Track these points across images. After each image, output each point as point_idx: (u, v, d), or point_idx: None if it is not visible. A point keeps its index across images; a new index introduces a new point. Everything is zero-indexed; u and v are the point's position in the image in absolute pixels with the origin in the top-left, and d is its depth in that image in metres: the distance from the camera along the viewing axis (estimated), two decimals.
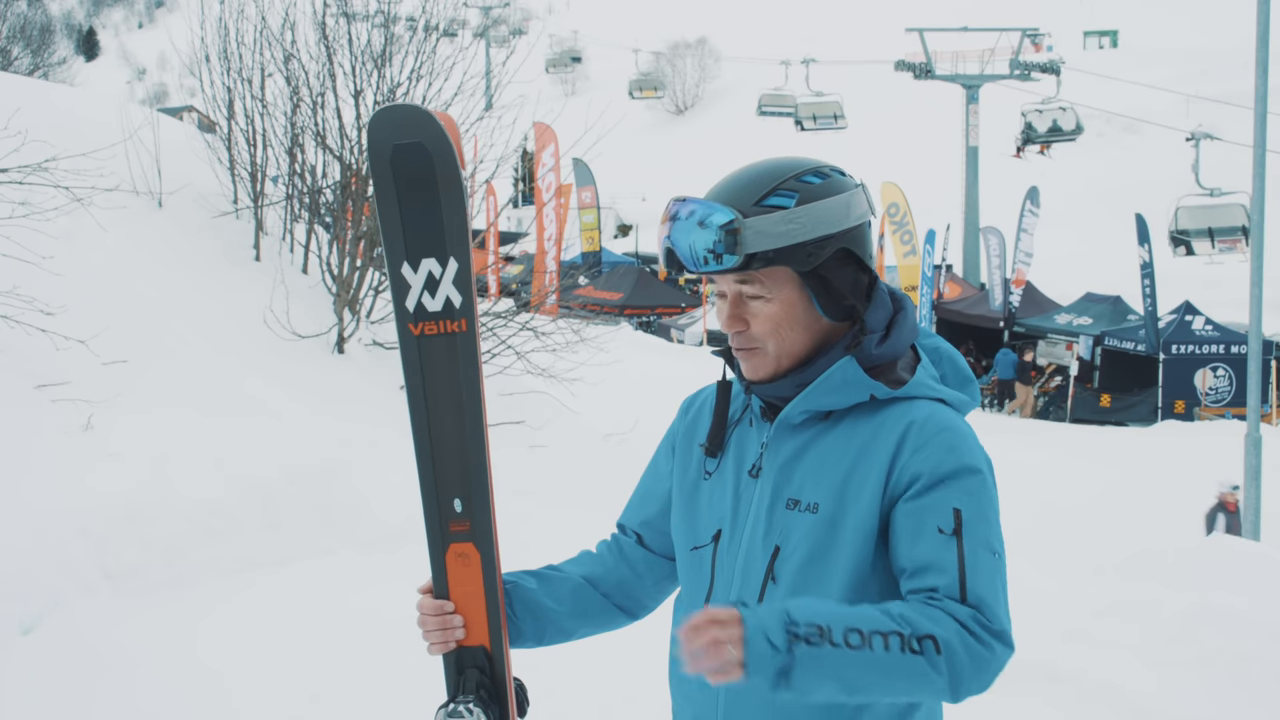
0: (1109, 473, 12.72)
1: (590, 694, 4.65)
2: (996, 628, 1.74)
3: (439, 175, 2.00)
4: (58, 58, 33.90)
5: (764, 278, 1.87)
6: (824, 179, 1.89)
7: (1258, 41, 9.88)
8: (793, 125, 42.72)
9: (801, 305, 1.89)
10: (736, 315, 1.91)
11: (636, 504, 2.18)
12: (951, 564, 1.76)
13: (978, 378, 25.63)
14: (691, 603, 2.00)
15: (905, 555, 1.81)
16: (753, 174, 1.90)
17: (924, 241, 23.91)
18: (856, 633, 1.68)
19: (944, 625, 1.70)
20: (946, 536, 1.77)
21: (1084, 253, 39.22)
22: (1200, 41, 69.17)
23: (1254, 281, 9.78)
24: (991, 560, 1.78)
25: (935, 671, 1.69)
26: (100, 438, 6.27)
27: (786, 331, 1.89)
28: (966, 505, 1.80)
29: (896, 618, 1.71)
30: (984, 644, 1.72)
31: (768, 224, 1.84)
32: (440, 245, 2.03)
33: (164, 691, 4.71)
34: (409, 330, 2.08)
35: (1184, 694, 4.87)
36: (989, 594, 1.75)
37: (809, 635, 1.66)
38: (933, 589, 1.76)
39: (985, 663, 1.72)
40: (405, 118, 2.00)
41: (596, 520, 3.57)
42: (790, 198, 1.86)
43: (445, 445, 2.07)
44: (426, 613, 2.08)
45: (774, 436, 1.94)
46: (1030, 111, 32.35)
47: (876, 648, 1.68)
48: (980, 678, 1.72)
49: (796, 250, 1.84)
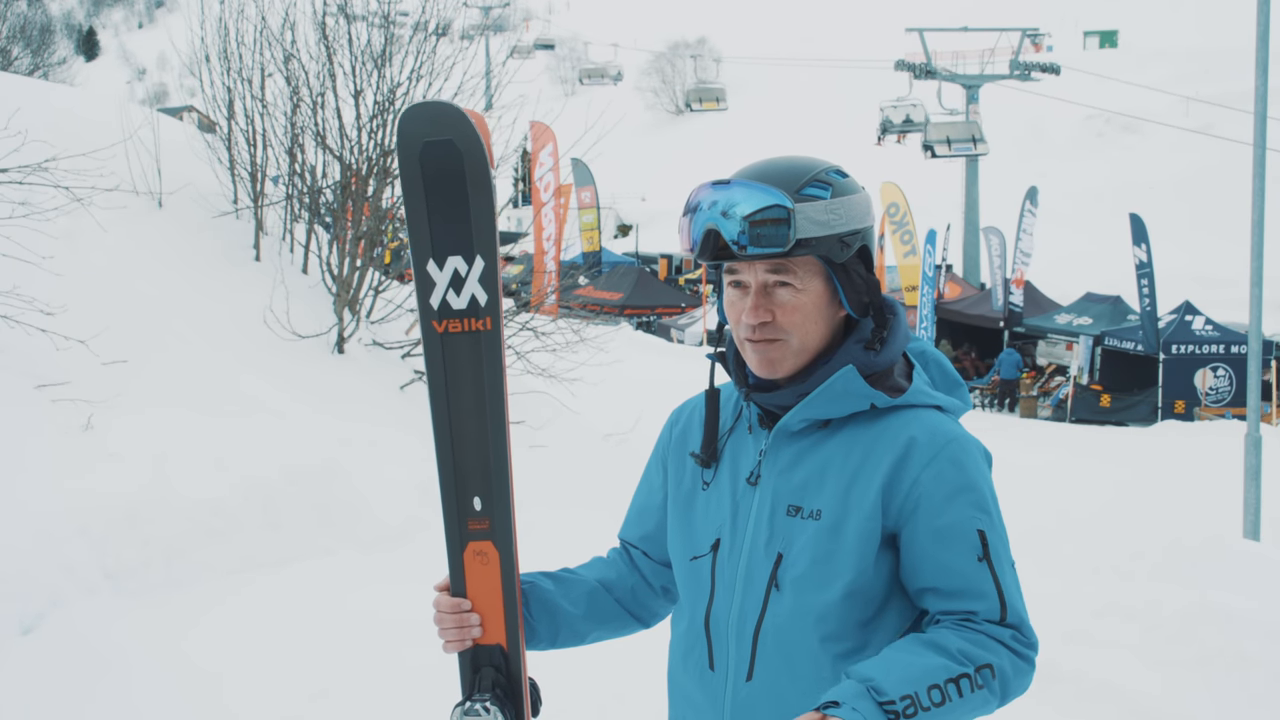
0: (1119, 473, 12.71)
1: (590, 694, 4.65)
2: (1033, 640, 1.85)
3: (469, 174, 1.98)
4: (58, 58, 33.91)
5: (798, 267, 1.87)
6: (846, 177, 1.91)
7: (1258, 41, 9.87)
8: (786, 125, 42.73)
9: (826, 298, 1.90)
10: (762, 306, 1.88)
11: (634, 519, 2.18)
12: (989, 590, 1.83)
13: (978, 378, 25.70)
14: (692, 612, 1.99)
15: (931, 576, 1.84)
16: (784, 166, 1.89)
17: (924, 241, 23.91)
18: (938, 689, 1.75)
19: (995, 652, 1.80)
20: (978, 563, 1.83)
21: (1084, 253, 39.24)
22: (1200, 41, 69.18)
23: (1254, 281, 9.77)
24: (1013, 574, 1.87)
25: (993, 695, 1.80)
26: (100, 438, 6.27)
27: (812, 324, 1.89)
28: (986, 525, 1.84)
29: (958, 657, 1.78)
30: (1025, 660, 1.83)
31: (814, 211, 1.83)
32: (468, 243, 2.02)
33: (164, 691, 4.70)
34: (433, 327, 2.05)
35: (1184, 694, 4.87)
36: (1023, 610, 1.85)
37: (905, 710, 1.72)
38: (972, 612, 1.83)
39: (1026, 674, 1.83)
40: (437, 114, 1.98)
41: (596, 519, 3.59)
42: (825, 190, 1.86)
43: (466, 443, 2.06)
44: (444, 610, 2.06)
45: (772, 444, 1.93)
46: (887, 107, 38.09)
47: (953, 697, 1.76)
48: (1024, 686, 1.84)
49: (835, 240, 1.85)
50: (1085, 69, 58.22)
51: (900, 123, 37.73)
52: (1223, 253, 32.80)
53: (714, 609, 1.94)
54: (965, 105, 34.96)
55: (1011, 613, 1.82)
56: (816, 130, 59.86)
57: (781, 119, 64.44)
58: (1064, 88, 49.31)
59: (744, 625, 1.90)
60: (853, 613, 1.84)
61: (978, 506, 1.83)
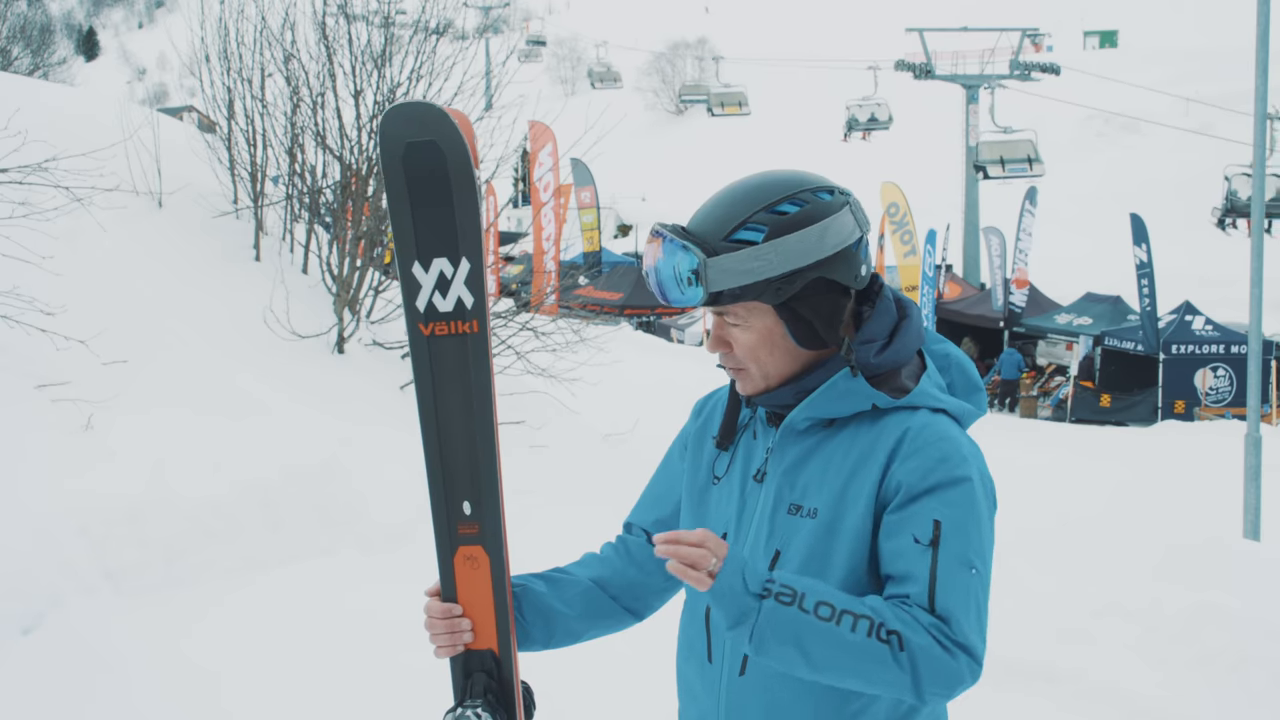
0: (1119, 473, 12.71)
1: (589, 693, 4.65)
2: (960, 639, 1.74)
3: (452, 174, 1.98)
4: (58, 58, 33.89)
5: (738, 309, 1.88)
6: (801, 207, 1.85)
7: (1258, 41, 9.87)
8: (786, 125, 43.02)
9: (779, 333, 1.90)
10: (720, 338, 1.93)
11: (649, 504, 2.18)
12: (924, 575, 1.77)
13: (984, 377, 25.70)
14: (694, 607, 2.02)
15: (887, 563, 1.83)
16: (727, 202, 1.88)
17: (924, 241, 23.92)
18: (827, 606, 1.72)
19: (911, 627, 1.73)
20: (923, 547, 1.78)
21: (1084, 253, 39.24)
22: (1200, 41, 69.19)
23: (1254, 281, 9.77)
24: (966, 575, 1.78)
25: (898, 666, 1.71)
26: (100, 438, 6.27)
27: (766, 357, 1.91)
28: (947, 517, 1.80)
29: (869, 607, 1.74)
30: (949, 652, 1.73)
31: (733, 262, 1.83)
32: (453, 245, 2.01)
33: (163, 691, 4.71)
34: (419, 330, 2.04)
35: (1185, 694, 4.88)
36: (958, 608, 1.76)
37: (780, 594, 1.71)
38: (904, 597, 1.77)
39: (949, 670, 1.73)
40: (419, 115, 1.98)
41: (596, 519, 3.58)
42: (759, 232, 1.84)
43: (454, 447, 2.05)
44: (434, 616, 2.06)
45: (779, 442, 1.95)
46: (853, 105, 39.44)
47: (844, 625, 1.71)
48: (943, 683, 1.73)
49: (764, 286, 1.84)
50: (1085, 69, 58.21)
51: (865, 120, 39.02)
52: (1223, 253, 32.82)
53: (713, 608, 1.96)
54: (966, 105, 34.85)
55: (939, 604, 1.75)
56: (816, 130, 59.91)
57: (781, 119, 64.45)
58: (1064, 88, 49.30)
59: None
60: None
61: (946, 502, 1.80)
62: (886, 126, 39.05)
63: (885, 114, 38.89)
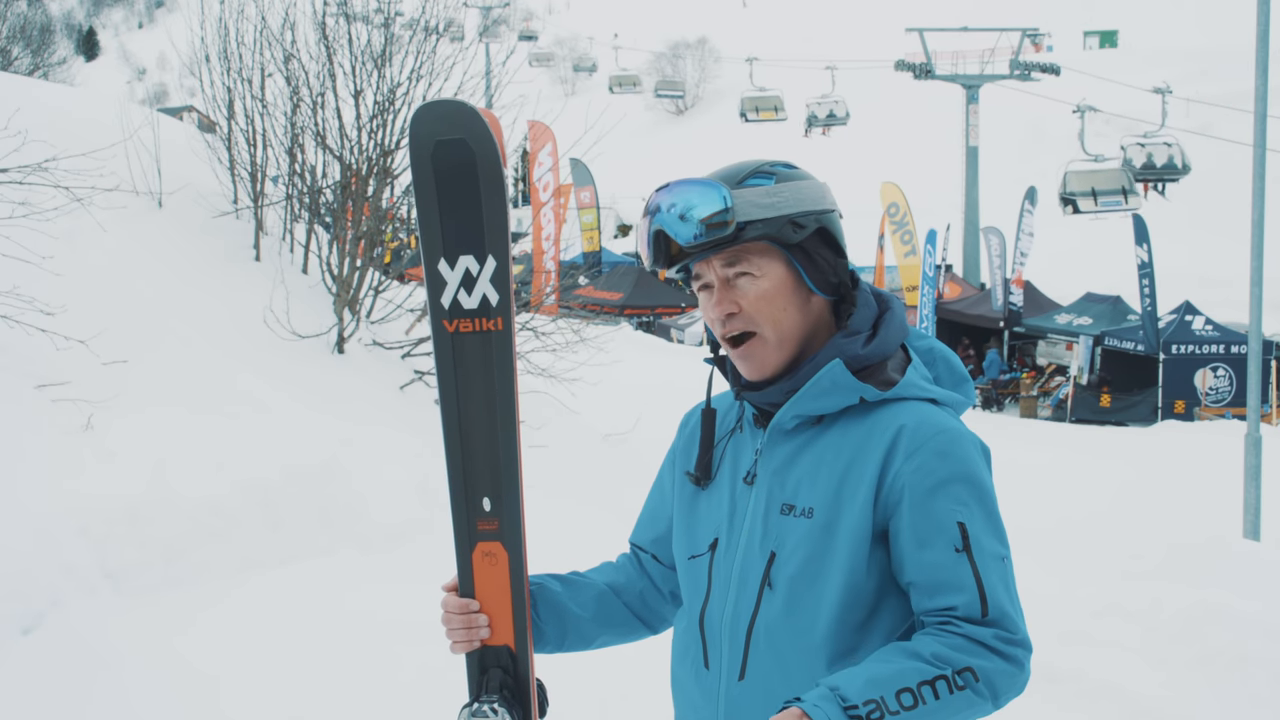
0: (1119, 473, 12.71)
1: (589, 693, 4.64)
2: (1019, 637, 1.79)
3: (481, 172, 1.98)
4: (58, 58, 33.88)
5: (752, 254, 1.88)
6: (793, 168, 1.94)
7: (1258, 41, 9.87)
8: (786, 125, 43.48)
9: (791, 282, 1.90)
10: (726, 298, 1.91)
11: (646, 522, 2.19)
12: (968, 582, 1.79)
13: (975, 379, 25.71)
14: (690, 610, 2.01)
15: (913, 569, 1.82)
16: (722, 171, 1.95)
17: (924, 241, 23.92)
18: (908, 692, 1.73)
19: (976, 654, 1.76)
20: (958, 554, 1.80)
21: (1084, 253, 39.20)
22: (1200, 41, 69.15)
23: (1254, 281, 9.77)
24: (1001, 567, 1.82)
25: (980, 697, 1.76)
26: (100, 438, 6.27)
27: (780, 311, 1.90)
28: (969, 516, 1.81)
29: (932, 660, 1.75)
30: (1012, 659, 1.78)
31: (754, 195, 1.87)
32: (479, 243, 2.02)
33: (163, 691, 4.70)
34: (443, 327, 2.05)
35: (1185, 694, 4.87)
36: (1007, 603, 1.80)
37: (869, 713, 1.71)
38: (951, 608, 1.79)
39: (1017, 674, 1.79)
40: (450, 113, 1.99)
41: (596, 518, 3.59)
42: (769, 179, 1.90)
43: (475, 443, 2.05)
44: (451, 611, 2.06)
45: (768, 443, 1.94)
46: (812, 104, 41.14)
47: (929, 700, 1.73)
48: (1016, 686, 1.79)
49: (783, 222, 1.87)
50: (1085, 69, 58.20)
51: (824, 117, 40.46)
52: (1223, 253, 32.82)
53: (709, 608, 1.95)
54: (966, 105, 34.82)
55: (993, 607, 1.78)
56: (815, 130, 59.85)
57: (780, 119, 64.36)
58: (1064, 88, 49.27)
59: (737, 624, 1.90)
60: (846, 613, 1.84)
61: (959, 499, 1.81)
62: (844, 122, 40.30)
63: (843, 110, 40.27)
